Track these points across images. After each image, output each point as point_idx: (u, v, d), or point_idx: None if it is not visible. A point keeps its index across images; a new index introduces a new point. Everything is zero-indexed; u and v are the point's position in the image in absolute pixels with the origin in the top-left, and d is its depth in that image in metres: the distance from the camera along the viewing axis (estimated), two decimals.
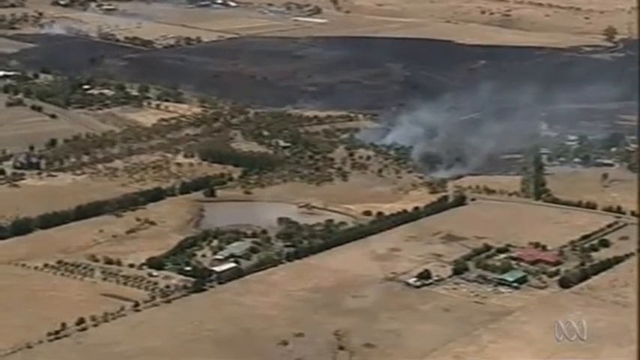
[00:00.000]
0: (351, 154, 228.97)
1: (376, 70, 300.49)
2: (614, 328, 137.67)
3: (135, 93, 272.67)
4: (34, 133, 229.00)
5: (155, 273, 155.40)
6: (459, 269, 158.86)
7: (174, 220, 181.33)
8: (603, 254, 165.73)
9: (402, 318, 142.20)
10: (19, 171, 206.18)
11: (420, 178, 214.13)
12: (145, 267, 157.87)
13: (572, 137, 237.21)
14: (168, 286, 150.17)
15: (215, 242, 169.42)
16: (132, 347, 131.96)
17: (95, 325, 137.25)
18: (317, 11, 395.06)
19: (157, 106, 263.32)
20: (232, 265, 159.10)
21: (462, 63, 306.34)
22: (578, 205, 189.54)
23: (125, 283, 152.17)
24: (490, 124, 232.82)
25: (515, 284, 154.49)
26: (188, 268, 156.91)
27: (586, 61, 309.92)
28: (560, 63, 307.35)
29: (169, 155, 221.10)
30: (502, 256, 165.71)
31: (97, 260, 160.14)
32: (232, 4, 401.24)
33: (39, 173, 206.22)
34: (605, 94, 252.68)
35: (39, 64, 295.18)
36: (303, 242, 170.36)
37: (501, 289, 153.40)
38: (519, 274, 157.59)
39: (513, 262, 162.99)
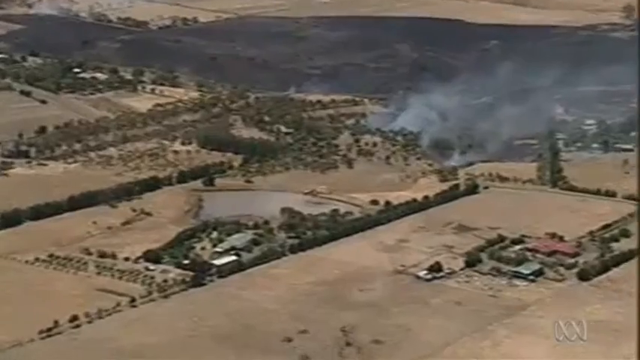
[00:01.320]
0: (357, 141, 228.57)
1: (383, 52, 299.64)
2: (634, 323, 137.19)
3: (129, 77, 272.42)
4: (23, 120, 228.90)
5: (152, 267, 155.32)
6: (472, 261, 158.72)
7: (171, 211, 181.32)
8: (624, 245, 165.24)
9: (412, 312, 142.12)
10: (8, 160, 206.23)
11: (430, 165, 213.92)
12: (141, 260, 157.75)
13: (590, 121, 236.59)
14: (165, 281, 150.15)
15: (215, 234, 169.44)
16: (128, 344, 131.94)
17: (89, 322, 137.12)
18: None
19: (153, 91, 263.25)
20: (233, 258, 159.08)
21: (474, 43, 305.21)
22: (597, 192, 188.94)
23: (120, 278, 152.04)
24: (503, 107, 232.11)
25: (530, 277, 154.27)
26: (186, 262, 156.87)
27: (604, 41, 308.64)
28: (576, 42, 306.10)
29: (166, 142, 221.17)
30: (517, 247, 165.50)
31: (90, 253, 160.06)
32: None
33: (29, 162, 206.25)
34: (624, 75, 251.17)
35: (28, 46, 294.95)
36: (307, 233, 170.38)
37: (516, 282, 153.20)
38: (535, 267, 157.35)
39: (529, 253, 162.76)
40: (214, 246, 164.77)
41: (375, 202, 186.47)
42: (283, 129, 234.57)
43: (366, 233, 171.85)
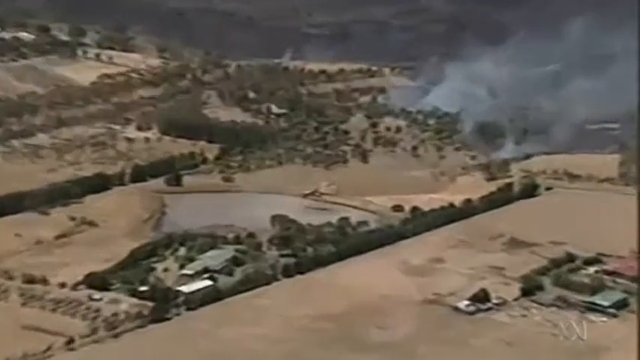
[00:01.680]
0: (374, 125, 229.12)
1: (409, 5, 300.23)
2: None
3: (65, 38, 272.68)
4: None
5: (97, 295, 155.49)
6: (530, 288, 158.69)
7: (123, 220, 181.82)
8: None
9: (448, 356, 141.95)
10: None
11: (473, 158, 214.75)
12: (82, 287, 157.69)
13: None
14: (115, 314, 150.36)
15: (182, 251, 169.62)
16: None
17: None
18: None
19: (98, 57, 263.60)
20: (207, 283, 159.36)
21: None
22: None
23: (54, 310, 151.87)
24: (573, 79, 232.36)
25: (611, 310, 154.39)
26: (144, 289, 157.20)
27: None
28: None
29: (116, 127, 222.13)
30: (591, 269, 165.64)
31: (12, 277, 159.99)
32: None
33: None
34: None
35: None
36: (306, 250, 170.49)
37: (591, 316, 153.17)
38: (617, 296, 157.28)
39: (608, 277, 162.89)
40: (182, 267, 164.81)
41: (398, 208, 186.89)
42: (275, 109, 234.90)
43: (386, 250, 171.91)
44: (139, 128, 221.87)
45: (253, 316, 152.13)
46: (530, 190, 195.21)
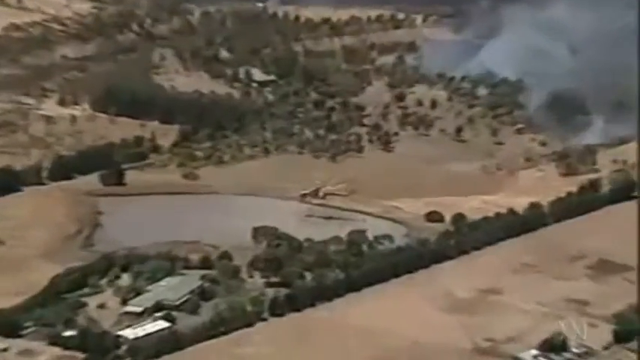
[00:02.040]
0: (400, 97, 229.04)
1: None
2: None
3: None
4: None
5: (2, 344, 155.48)
6: (625, 332, 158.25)
7: (41, 234, 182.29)
8: None
9: None
10: None
11: (542, 144, 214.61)
12: None
13: None
14: None
15: (125, 279, 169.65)
16: None
17: None
18: None
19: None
20: (161, 324, 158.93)
21: None
22: None
23: None
24: None
25: None
26: (70, 333, 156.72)
27: None
28: None
29: (29, 101, 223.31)
30: None
31: None
32: None
33: None
34: None
35: None
36: (304, 277, 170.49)
37: None
38: None
39: None
40: (125, 302, 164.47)
41: (435, 217, 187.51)
42: (258, 75, 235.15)
43: (419, 276, 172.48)
44: (62, 103, 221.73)
45: None
46: (624, 190, 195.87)
